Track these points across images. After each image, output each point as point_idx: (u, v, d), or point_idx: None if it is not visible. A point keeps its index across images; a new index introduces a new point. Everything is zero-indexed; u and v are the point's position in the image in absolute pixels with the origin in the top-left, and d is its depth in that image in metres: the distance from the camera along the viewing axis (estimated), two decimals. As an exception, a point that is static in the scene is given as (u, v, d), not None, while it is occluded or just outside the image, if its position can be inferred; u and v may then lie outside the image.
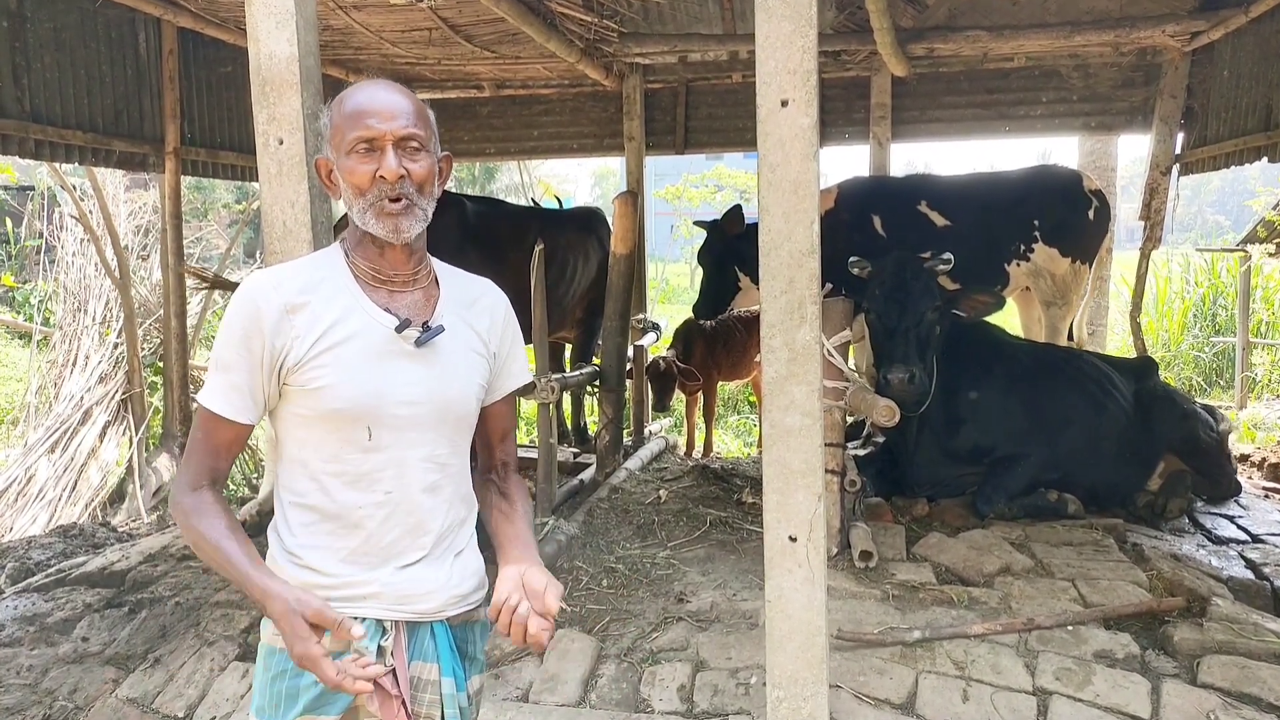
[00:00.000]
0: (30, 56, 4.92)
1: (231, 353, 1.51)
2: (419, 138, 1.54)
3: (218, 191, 15.44)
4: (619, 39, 6.42)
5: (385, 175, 1.50)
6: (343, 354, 1.52)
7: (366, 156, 1.51)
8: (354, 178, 1.52)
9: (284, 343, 1.50)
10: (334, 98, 1.61)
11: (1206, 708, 2.82)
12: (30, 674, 3.38)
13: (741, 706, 2.96)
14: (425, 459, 1.60)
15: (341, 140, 1.53)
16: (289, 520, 1.59)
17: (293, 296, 1.52)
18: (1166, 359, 11.08)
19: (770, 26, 2.29)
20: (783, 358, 2.38)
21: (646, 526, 4.54)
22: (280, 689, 1.56)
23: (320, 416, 1.53)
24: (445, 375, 1.60)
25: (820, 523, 2.39)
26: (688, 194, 23.84)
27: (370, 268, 1.59)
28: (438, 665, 1.60)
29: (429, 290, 1.65)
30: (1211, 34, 5.95)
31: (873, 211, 5.68)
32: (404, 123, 1.52)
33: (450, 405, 1.62)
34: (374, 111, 1.51)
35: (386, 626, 1.57)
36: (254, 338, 1.50)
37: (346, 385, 1.52)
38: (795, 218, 2.34)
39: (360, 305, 1.56)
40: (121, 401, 8.63)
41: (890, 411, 3.70)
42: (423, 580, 1.59)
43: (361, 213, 1.53)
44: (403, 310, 1.59)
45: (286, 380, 1.53)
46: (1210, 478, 4.79)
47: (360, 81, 1.60)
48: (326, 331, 1.52)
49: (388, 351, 1.56)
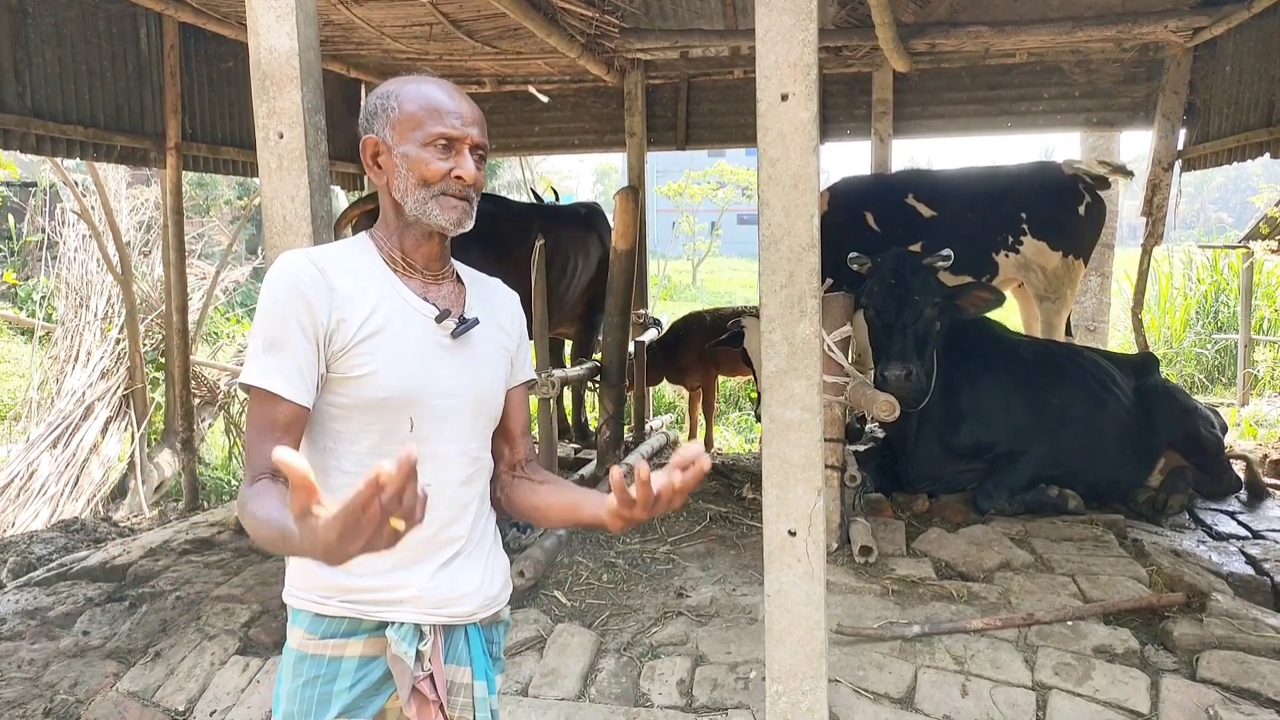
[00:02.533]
0: (31, 51, 4.92)
1: (280, 329, 1.45)
2: (486, 148, 1.59)
3: (219, 187, 15.44)
4: (620, 34, 6.41)
5: (463, 176, 1.53)
6: (386, 341, 1.50)
7: (444, 153, 1.52)
8: (427, 170, 1.51)
9: (329, 322, 1.47)
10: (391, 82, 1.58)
11: (1206, 703, 2.82)
12: (31, 667, 3.39)
13: (741, 700, 2.96)
14: (461, 452, 1.59)
15: (416, 130, 1.52)
16: None
17: (332, 275, 1.50)
18: (1169, 356, 11.08)
19: (770, 20, 2.29)
20: (783, 352, 2.38)
21: (646, 522, 4.54)
22: (313, 695, 1.52)
23: (360, 406, 1.50)
24: (478, 368, 1.61)
25: (820, 517, 2.39)
26: (689, 190, 23.83)
27: (406, 258, 1.59)
28: (471, 669, 1.60)
29: (456, 284, 1.66)
30: (1214, 29, 5.94)
31: (865, 209, 5.75)
32: (479, 132, 1.56)
33: (483, 399, 1.62)
34: (457, 112, 1.53)
35: (424, 631, 1.55)
36: (303, 314, 1.45)
37: (390, 373, 1.49)
38: (795, 212, 2.33)
39: (399, 293, 1.55)
40: (123, 397, 8.65)
41: (890, 407, 3.70)
42: (459, 583, 1.58)
43: (422, 201, 1.53)
44: (440, 301, 1.59)
45: (330, 365, 1.48)
46: (1211, 474, 4.78)
47: (420, 76, 1.59)
48: (369, 317, 1.50)
49: (428, 342, 1.55)
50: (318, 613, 1.54)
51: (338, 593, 1.53)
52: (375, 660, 1.55)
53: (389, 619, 1.53)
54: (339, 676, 1.52)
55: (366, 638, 1.54)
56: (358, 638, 1.54)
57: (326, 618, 1.53)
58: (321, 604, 1.53)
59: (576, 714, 2.93)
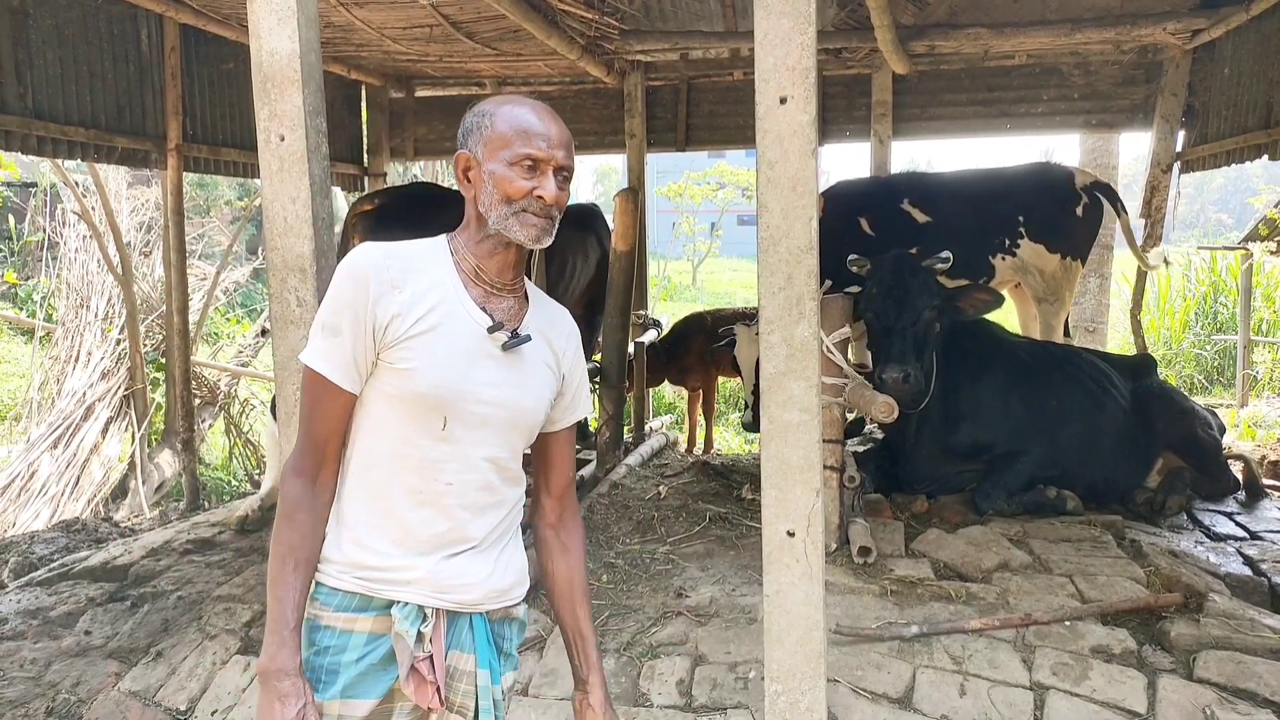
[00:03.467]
0: (33, 53, 4.94)
1: (339, 317, 1.56)
2: (570, 170, 1.66)
3: (219, 188, 15.46)
4: (620, 36, 6.43)
5: (545, 196, 1.59)
6: (435, 341, 1.58)
7: (529, 172, 1.59)
8: (511, 187, 1.58)
9: (385, 316, 1.55)
10: (490, 100, 1.67)
11: (1202, 702, 2.83)
12: (33, 667, 3.40)
13: (740, 700, 2.97)
14: (488, 459, 1.65)
15: (505, 149, 1.59)
16: (349, 494, 1.63)
17: (399, 273, 1.58)
18: (1168, 357, 11.10)
19: (769, 23, 2.30)
20: (781, 353, 2.39)
21: (646, 522, 4.56)
22: (322, 664, 1.59)
23: (401, 397, 1.58)
24: (523, 383, 1.67)
25: (818, 518, 2.40)
26: (690, 191, 23.85)
27: (477, 267, 1.65)
28: (474, 656, 1.65)
29: (520, 302, 1.71)
30: (1212, 32, 5.96)
31: (859, 215, 5.74)
32: (565, 154, 1.63)
33: (523, 413, 1.68)
34: (545, 135, 1.60)
35: (427, 613, 1.61)
36: (361, 304, 1.55)
37: (432, 372, 1.57)
38: (794, 214, 2.35)
39: (459, 298, 1.62)
40: (124, 398, 8.66)
41: (889, 408, 3.71)
42: (466, 572, 1.64)
43: (504, 217, 1.60)
44: (497, 314, 1.64)
45: (381, 354, 1.57)
46: (1208, 475, 4.79)
47: (519, 96, 1.67)
48: (425, 315, 1.57)
49: (476, 349, 1.61)
50: (334, 586, 1.61)
51: (351, 569, 1.60)
52: (382, 638, 1.61)
53: (395, 598, 1.59)
54: (348, 649, 1.59)
55: (376, 615, 1.60)
56: (368, 614, 1.60)
57: (341, 592, 1.61)
58: (337, 578, 1.61)
59: (576, 714, 2.94)
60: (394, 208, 5.20)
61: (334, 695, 1.58)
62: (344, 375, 1.57)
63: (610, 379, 5.40)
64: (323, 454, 1.60)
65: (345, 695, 1.59)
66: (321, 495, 1.61)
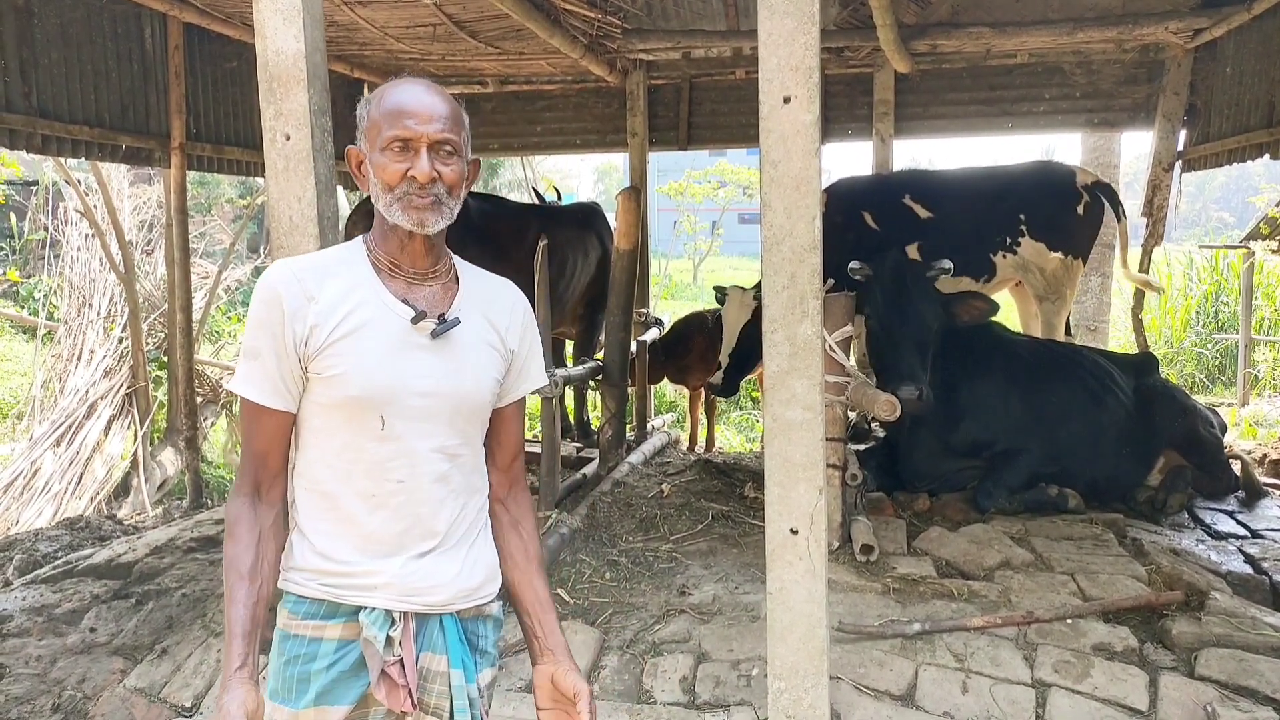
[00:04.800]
0: (37, 52, 4.95)
1: (257, 339, 1.55)
2: (453, 142, 1.57)
3: (221, 186, 15.46)
4: (623, 35, 6.44)
5: (417, 176, 1.54)
6: (358, 342, 1.55)
7: (400, 155, 1.54)
8: (385, 174, 1.55)
9: (303, 329, 1.53)
10: (372, 91, 1.64)
11: (1204, 700, 2.84)
12: (39, 664, 3.41)
13: (743, 698, 2.98)
14: (437, 449, 1.62)
15: (377, 136, 1.56)
16: (305, 507, 1.62)
17: (312, 285, 1.56)
18: (1169, 356, 11.10)
19: (773, 23, 2.31)
20: (784, 352, 2.40)
21: (649, 520, 4.57)
22: (293, 674, 1.57)
23: (336, 404, 1.56)
24: (460, 368, 1.63)
25: (821, 516, 2.41)
26: (690, 190, 23.84)
27: (391, 260, 1.62)
28: (447, 657, 1.62)
29: (448, 285, 1.67)
30: (1214, 31, 5.96)
31: (863, 209, 5.76)
32: (440, 126, 1.55)
33: (464, 398, 1.64)
34: (412, 112, 1.54)
35: (395, 617, 1.59)
36: (276, 323, 1.53)
37: (361, 373, 1.55)
38: (797, 213, 2.36)
39: (378, 295, 1.59)
40: (126, 396, 8.68)
41: (891, 407, 3.72)
42: (432, 573, 1.61)
43: (388, 205, 1.57)
44: (420, 302, 1.61)
45: (307, 368, 1.56)
46: (1210, 473, 4.80)
47: (400, 79, 1.62)
48: (343, 319, 1.55)
49: (404, 342, 1.58)
50: (300, 594, 1.59)
51: (316, 576, 1.59)
52: (352, 643, 1.59)
53: (362, 604, 1.58)
54: (318, 657, 1.57)
55: (345, 621, 1.59)
56: (336, 620, 1.59)
57: (307, 599, 1.59)
58: (302, 585, 1.59)
59: (580, 710, 2.95)
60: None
61: (308, 704, 1.57)
62: (272, 396, 1.55)
63: (613, 377, 5.41)
64: (262, 470, 1.59)
65: (319, 703, 1.57)
66: (263, 510, 1.58)
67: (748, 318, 5.56)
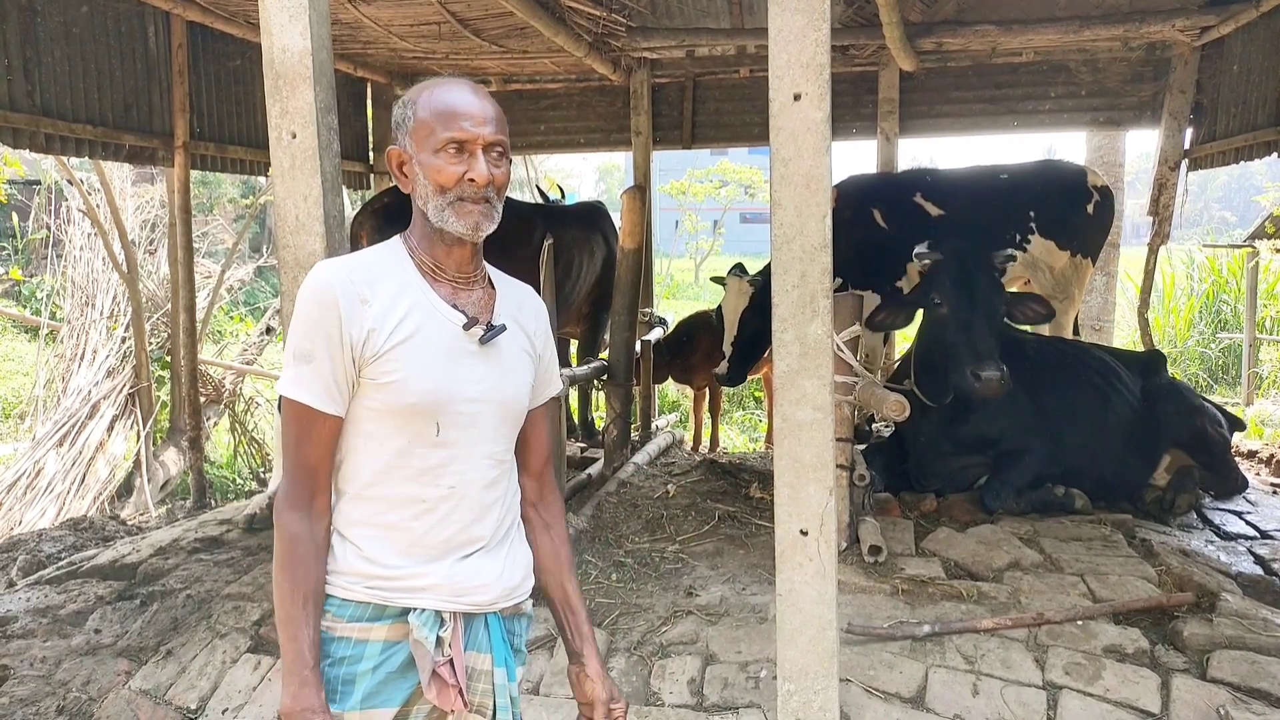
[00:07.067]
0: (40, 50, 4.93)
1: (312, 341, 1.51)
2: (504, 144, 1.58)
3: (223, 186, 15.46)
4: (627, 33, 6.42)
5: (476, 179, 1.53)
6: (414, 349, 1.54)
7: (456, 157, 1.53)
8: (440, 176, 1.53)
9: (360, 332, 1.51)
10: (413, 90, 1.60)
11: (1216, 702, 2.82)
12: (44, 665, 3.40)
13: (751, 700, 2.96)
14: (486, 455, 1.63)
15: (429, 138, 1.54)
16: (348, 511, 1.60)
17: (365, 287, 1.53)
18: (1173, 355, 11.07)
19: (783, 20, 2.29)
20: (794, 352, 2.38)
21: (655, 521, 4.55)
22: (338, 675, 1.56)
23: (391, 410, 1.54)
24: (505, 374, 1.64)
25: (831, 517, 2.39)
26: (693, 189, 23.83)
27: (435, 264, 1.60)
28: (491, 655, 1.63)
29: (487, 290, 1.67)
30: (1221, 29, 5.93)
31: (873, 206, 5.73)
32: (493, 129, 1.55)
33: (509, 403, 1.65)
34: (467, 114, 1.53)
35: (445, 618, 1.59)
36: (332, 325, 1.50)
37: (419, 380, 1.53)
38: (808, 212, 2.34)
39: (429, 300, 1.58)
40: (129, 396, 8.67)
41: (900, 407, 3.70)
42: (479, 573, 1.62)
43: (440, 209, 1.55)
44: (468, 308, 1.61)
45: (361, 371, 1.53)
46: (1217, 473, 4.78)
47: (441, 79, 1.60)
48: (399, 325, 1.53)
49: (456, 349, 1.58)
50: (344, 598, 1.58)
51: (361, 580, 1.57)
52: (399, 645, 1.59)
53: (411, 605, 1.57)
54: (364, 658, 1.57)
55: (391, 623, 1.58)
56: (382, 622, 1.58)
57: (352, 602, 1.58)
58: (347, 589, 1.57)
59: (587, 712, 2.94)
60: (398, 206, 5.20)
61: (353, 706, 1.56)
62: (326, 400, 1.52)
63: (617, 377, 5.39)
64: (315, 482, 1.56)
65: (365, 705, 1.56)
66: (319, 524, 1.56)
67: (746, 304, 5.56)
